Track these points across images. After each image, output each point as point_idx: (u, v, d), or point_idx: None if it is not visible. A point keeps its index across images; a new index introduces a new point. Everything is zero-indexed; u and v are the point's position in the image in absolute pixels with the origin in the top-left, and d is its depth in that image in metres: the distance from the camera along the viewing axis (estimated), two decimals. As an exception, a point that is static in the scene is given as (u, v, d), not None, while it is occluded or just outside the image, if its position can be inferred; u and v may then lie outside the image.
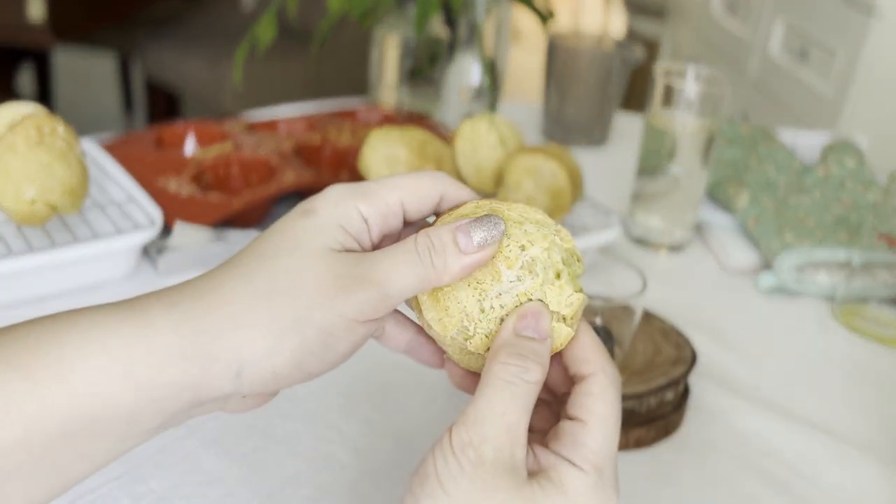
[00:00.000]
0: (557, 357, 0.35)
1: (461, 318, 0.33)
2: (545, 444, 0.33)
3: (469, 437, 0.30)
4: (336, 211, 0.32)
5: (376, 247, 0.34)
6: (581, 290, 0.34)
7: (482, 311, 0.33)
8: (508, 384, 0.31)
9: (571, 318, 0.34)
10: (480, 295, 0.33)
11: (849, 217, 0.77)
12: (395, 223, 0.34)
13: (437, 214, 0.36)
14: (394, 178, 0.34)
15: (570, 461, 0.31)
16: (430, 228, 0.33)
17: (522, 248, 0.33)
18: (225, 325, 0.30)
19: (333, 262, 0.31)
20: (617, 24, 3.63)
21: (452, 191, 0.35)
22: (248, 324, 0.30)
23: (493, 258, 0.33)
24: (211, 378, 0.30)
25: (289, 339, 0.30)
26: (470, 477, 0.29)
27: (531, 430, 0.35)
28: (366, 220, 0.33)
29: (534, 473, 0.31)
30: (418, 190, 0.34)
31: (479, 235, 0.32)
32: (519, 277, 0.33)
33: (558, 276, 0.33)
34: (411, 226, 0.36)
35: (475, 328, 0.33)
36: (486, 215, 0.33)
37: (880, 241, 0.66)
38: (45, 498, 0.30)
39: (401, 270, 0.32)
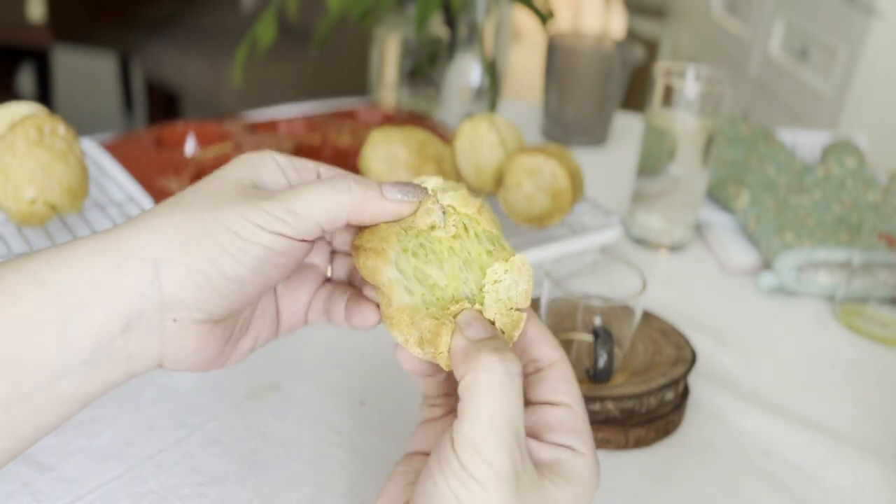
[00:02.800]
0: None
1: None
2: (536, 436, 0.33)
3: (481, 454, 0.29)
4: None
5: None
6: (514, 252, 0.36)
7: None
8: (502, 386, 0.30)
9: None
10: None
11: (849, 217, 0.77)
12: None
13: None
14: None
15: (571, 448, 0.32)
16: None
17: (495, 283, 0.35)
18: (139, 229, 0.32)
19: (246, 187, 0.34)
20: (617, 23, 3.63)
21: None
22: (160, 225, 0.32)
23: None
24: (128, 276, 0.30)
25: (198, 234, 0.32)
26: (494, 494, 0.29)
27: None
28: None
29: (538, 466, 0.31)
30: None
31: (400, 190, 0.35)
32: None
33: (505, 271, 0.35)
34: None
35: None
36: (408, 183, 0.36)
37: (881, 241, 0.66)
38: None
39: (312, 191, 0.33)
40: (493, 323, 0.34)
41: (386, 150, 0.66)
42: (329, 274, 0.40)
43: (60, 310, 0.30)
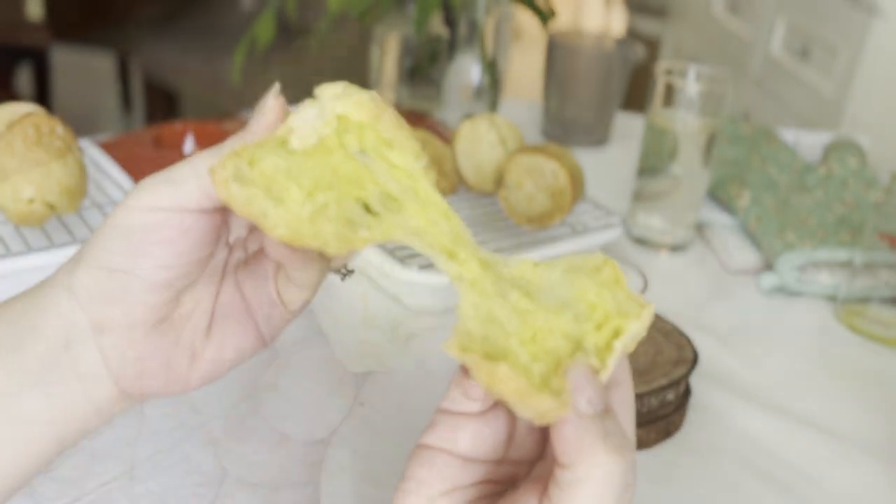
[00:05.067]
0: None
1: None
2: None
3: None
4: None
5: None
6: (643, 303, 0.29)
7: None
8: (616, 491, 0.26)
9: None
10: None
11: (851, 217, 0.77)
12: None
13: None
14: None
15: None
16: None
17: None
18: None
19: None
20: (618, 23, 3.63)
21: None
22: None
23: None
24: (53, 297, 0.31)
25: (90, 240, 0.32)
26: None
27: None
28: None
29: None
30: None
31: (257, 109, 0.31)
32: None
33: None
34: None
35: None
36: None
37: (882, 241, 0.66)
38: None
39: (194, 156, 0.31)
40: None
41: (386, 149, 0.66)
42: None
43: (5, 337, 0.31)
